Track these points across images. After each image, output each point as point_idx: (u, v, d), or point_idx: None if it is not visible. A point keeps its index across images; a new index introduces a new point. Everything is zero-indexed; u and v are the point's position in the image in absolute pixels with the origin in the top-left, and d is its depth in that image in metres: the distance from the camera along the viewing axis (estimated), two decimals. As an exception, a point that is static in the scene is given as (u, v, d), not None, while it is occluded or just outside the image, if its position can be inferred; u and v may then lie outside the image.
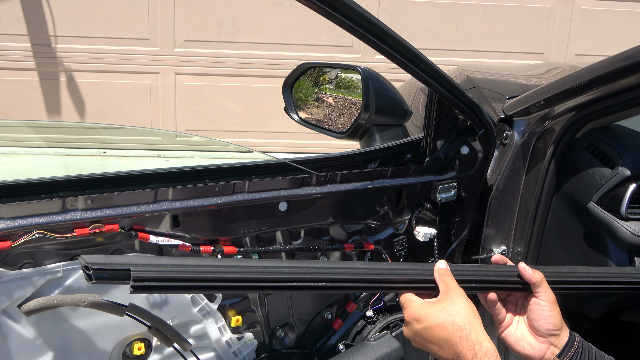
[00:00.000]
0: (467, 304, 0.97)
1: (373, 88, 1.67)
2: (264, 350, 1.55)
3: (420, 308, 0.98)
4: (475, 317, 0.96)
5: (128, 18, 4.61)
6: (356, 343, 1.63)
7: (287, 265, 1.02)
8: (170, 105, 4.89)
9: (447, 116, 1.53)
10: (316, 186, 1.40)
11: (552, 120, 1.48)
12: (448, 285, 1.00)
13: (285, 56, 4.77)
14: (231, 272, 0.95)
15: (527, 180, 1.55)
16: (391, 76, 1.83)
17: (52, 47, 4.62)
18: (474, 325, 0.94)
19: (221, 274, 0.94)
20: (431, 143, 1.55)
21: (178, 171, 1.33)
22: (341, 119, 1.85)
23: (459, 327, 0.93)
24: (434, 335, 0.95)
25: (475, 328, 0.94)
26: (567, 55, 5.12)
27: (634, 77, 1.22)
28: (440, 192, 1.53)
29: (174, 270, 0.91)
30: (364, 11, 1.10)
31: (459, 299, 0.97)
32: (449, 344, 0.93)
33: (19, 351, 1.20)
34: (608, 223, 1.37)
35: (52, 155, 3.56)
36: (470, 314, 0.95)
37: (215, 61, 4.79)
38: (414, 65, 1.25)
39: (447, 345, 0.94)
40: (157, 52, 4.73)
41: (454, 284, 1.00)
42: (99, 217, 1.19)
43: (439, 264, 1.04)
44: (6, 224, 1.12)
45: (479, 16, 4.95)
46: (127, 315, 1.24)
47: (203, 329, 1.41)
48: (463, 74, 1.99)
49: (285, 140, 5.01)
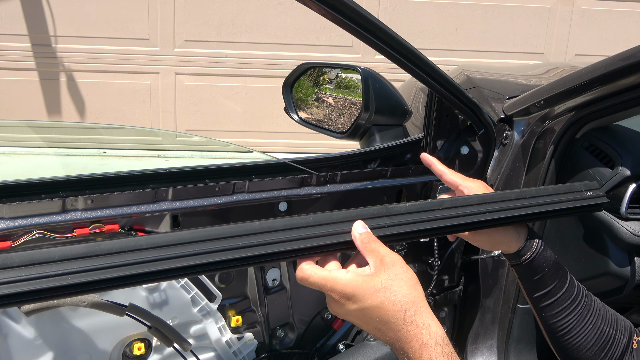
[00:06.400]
0: (408, 274, 0.81)
1: (373, 88, 1.67)
2: (264, 350, 1.56)
3: (353, 285, 0.79)
4: (418, 290, 0.80)
5: (128, 18, 4.61)
6: (356, 343, 1.63)
7: (183, 241, 0.78)
8: (170, 105, 4.89)
9: (447, 116, 1.53)
10: (316, 186, 1.40)
11: (552, 120, 1.48)
12: (379, 254, 0.82)
13: (285, 56, 4.77)
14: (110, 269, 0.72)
15: (527, 180, 1.55)
16: (391, 76, 1.83)
17: (52, 47, 4.62)
18: (418, 303, 0.79)
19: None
20: (431, 143, 1.55)
21: (178, 171, 1.33)
22: (341, 119, 1.85)
23: (402, 307, 0.78)
24: (372, 316, 0.79)
25: (421, 307, 0.79)
26: (567, 55, 5.12)
27: (634, 77, 1.22)
28: (440, 192, 1.53)
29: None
30: (364, 11, 1.10)
31: (398, 269, 0.80)
32: (390, 327, 0.78)
33: (19, 351, 1.20)
34: (608, 223, 1.37)
35: (52, 155, 3.56)
36: (413, 288, 0.80)
37: (215, 61, 4.80)
38: (414, 65, 1.25)
39: (388, 328, 0.78)
40: (157, 52, 4.73)
41: (386, 250, 0.82)
42: (99, 217, 1.19)
43: (357, 227, 0.85)
44: (6, 224, 1.12)
45: (479, 16, 4.95)
46: (127, 315, 1.24)
47: (203, 329, 1.41)
48: (463, 74, 1.99)
49: (285, 140, 5.01)
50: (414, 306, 0.78)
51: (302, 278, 0.82)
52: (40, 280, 0.68)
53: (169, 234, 0.77)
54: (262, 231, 0.81)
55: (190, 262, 0.76)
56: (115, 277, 0.71)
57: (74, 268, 0.70)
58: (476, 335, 1.69)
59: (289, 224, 0.83)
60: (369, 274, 0.81)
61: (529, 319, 1.63)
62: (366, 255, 0.83)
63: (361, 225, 0.86)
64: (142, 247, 0.74)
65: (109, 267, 0.72)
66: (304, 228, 0.84)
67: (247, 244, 0.79)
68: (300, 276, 0.82)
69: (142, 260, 0.73)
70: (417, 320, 0.78)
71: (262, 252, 0.80)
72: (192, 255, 0.76)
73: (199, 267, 0.76)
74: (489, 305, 1.67)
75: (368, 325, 0.80)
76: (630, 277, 1.38)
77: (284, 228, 0.82)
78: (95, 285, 0.71)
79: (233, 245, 0.78)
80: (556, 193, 1.08)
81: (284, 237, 0.81)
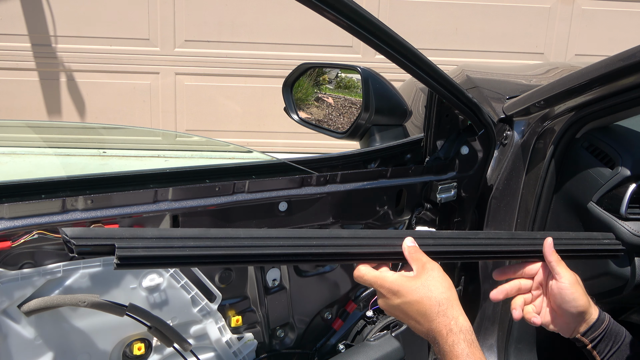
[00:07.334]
0: (444, 278, 0.98)
1: (373, 88, 1.67)
2: (264, 350, 1.55)
3: (398, 282, 0.97)
4: (452, 291, 0.97)
5: (128, 18, 4.61)
6: (356, 343, 1.63)
7: (274, 236, 0.99)
8: (170, 105, 4.89)
9: (447, 116, 1.53)
10: (316, 186, 1.40)
11: (552, 120, 1.48)
12: (422, 261, 1.00)
13: (285, 56, 4.77)
14: (218, 247, 0.92)
15: (527, 180, 1.55)
16: (391, 76, 1.83)
17: (52, 47, 4.62)
18: (451, 300, 0.95)
19: (206, 250, 0.91)
20: (431, 143, 1.55)
21: (178, 171, 1.33)
22: (341, 119, 1.85)
23: (437, 302, 0.94)
24: (412, 310, 0.96)
25: (452, 304, 0.95)
26: (567, 55, 5.12)
27: (634, 77, 1.22)
28: (440, 192, 1.53)
29: (160, 246, 0.88)
30: (364, 11, 1.10)
31: (436, 273, 0.97)
32: (426, 319, 0.94)
33: (19, 351, 1.20)
34: (608, 223, 1.37)
35: (52, 155, 3.56)
36: (448, 289, 0.96)
37: (215, 61, 4.80)
38: (414, 65, 1.25)
39: (424, 320, 0.95)
40: (157, 52, 4.73)
41: (427, 259, 1.00)
42: (99, 217, 1.19)
43: (407, 242, 1.03)
44: (6, 224, 1.12)
45: (479, 16, 4.95)
46: (127, 315, 1.24)
47: (203, 329, 1.41)
48: (463, 74, 1.99)
49: (285, 140, 5.01)
50: (446, 302, 0.94)
51: (358, 276, 1.01)
52: (167, 249, 0.88)
53: (264, 230, 1.00)
54: (332, 236, 1.02)
55: (278, 251, 0.96)
56: (220, 254, 0.92)
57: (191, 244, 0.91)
58: (476, 336, 1.69)
59: (354, 234, 1.04)
60: (412, 276, 0.98)
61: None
62: (411, 262, 1.01)
63: (410, 240, 1.03)
64: (239, 236, 0.95)
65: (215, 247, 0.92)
66: (366, 238, 1.03)
67: (320, 243, 0.99)
68: (357, 275, 1.01)
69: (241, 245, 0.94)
70: (448, 314, 0.93)
71: (332, 251, 1.00)
72: (279, 246, 0.97)
73: (283, 257, 0.97)
74: (489, 305, 1.67)
75: (408, 318, 0.97)
76: (630, 277, 1.38)
77: (349, 236, 1.03)
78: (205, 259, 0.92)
79: (308, 243, 0.99)
80: (577, 237, 1.23)
81: (350, 242, 1.02)
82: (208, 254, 0.92)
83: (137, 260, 0.88)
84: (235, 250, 0.93)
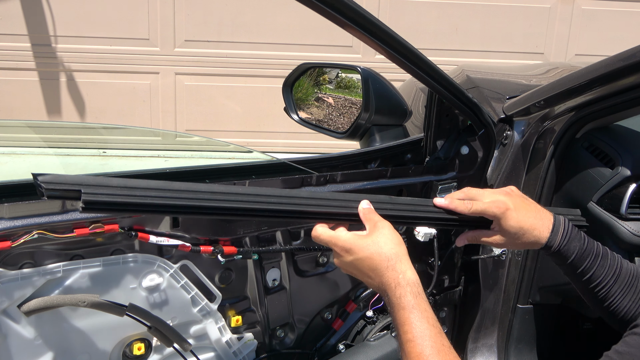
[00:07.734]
0: (394, 235, 1.02)
1: (373, 88, 1.67)
2: (264, 350, 1.55)
3: (351, 240, 1.01)
4: (401, 247, 1.01)
5: (128, 18, 4.61)
6: (356, 343, 1.63)
7: (233, 192, 1.02)
8: (170, 105, 4.88)
9: (447, 116, 1.53)
10: (316, 186, 1.40)
11: (552, 120, 1.48)
12: (374, 220, 1.04)
13: (285, 56, 4.77)
14: (179, 199, 0.96)
15: (527, 180, 1.55)
16: (391, 76, 1.82)
17: (52, 47, 4.62)
18: (399, 255, 0.99)
19: (166, 200, 0.95)
20: (431, 143, 1.55)
21: (178, 171, 1.33)
22: (341, 119, 1.85)
23: (386, 257, 0.99)
24: (363, 265, 1.00)
25: (401, 258, 0.99)
26: (567, 55, 5.12)
27: (634, 77, 1.22)
28: (440, 192, 1.53)
29: (123, 194, 0.93)
30: (364, 11, 1.10)
31: (386, 231, 1.02)
32: (377, 274, 0.99)
33: (19, 351, 1.20)
34: (608, 223, 1.37)
35: (52, 155, 3.56)
36: (397, 245, 1.00)
37: (215, 61, 4.79)
38: (414, 65, 1.25)
39: (375, 274, 0.99)
40: (157, 52, 4.73)
41: (379, 218, 1.05)
42: (99, 217, 1.19)
43: (363, 204, 1.07)
44: (6, 224, 1.12)
45: (479, 16, 4.94)
46: (127, 315, 1.24)
47: (203, 329, 1.41)
48: (463, 74, 1.99)
49: (285, 140, 5.01)
50: (395, 257, 0.99)
51: (315, 236, 1.05)
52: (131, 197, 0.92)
53: (225, 186, 1.05)
54: (291, 195, 1.05)
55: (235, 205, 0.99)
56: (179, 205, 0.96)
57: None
58: (476, 335, 1.69)
59: (313, 195, 1.07)
60: (364, 234, 1.03)
61: (529, 319, 1.63)
62: (365, 221, 1.05)
63: (367, 202, 1.07)
64: (200, 190, 0.99)
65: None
66: (324, 199, 1.07)
67: (279, 201, 1.02)
68: (314, 234, 1.05)
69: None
70: (397, 268, 0.98)
71: (290, 208, 1.03)
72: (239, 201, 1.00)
73: (241, 211, 1.01)
74: (489, 305, 1.67)
75: (361, 274, 1.02)
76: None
77: (308, 197, 1.06)
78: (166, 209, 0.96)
79: (267, 200, 1.02)
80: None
81: (308, 202, 1.05)
82: (167, 204, 0.95)
83: (100, 205, 0.91)
84: (194, 202, 0.97)
